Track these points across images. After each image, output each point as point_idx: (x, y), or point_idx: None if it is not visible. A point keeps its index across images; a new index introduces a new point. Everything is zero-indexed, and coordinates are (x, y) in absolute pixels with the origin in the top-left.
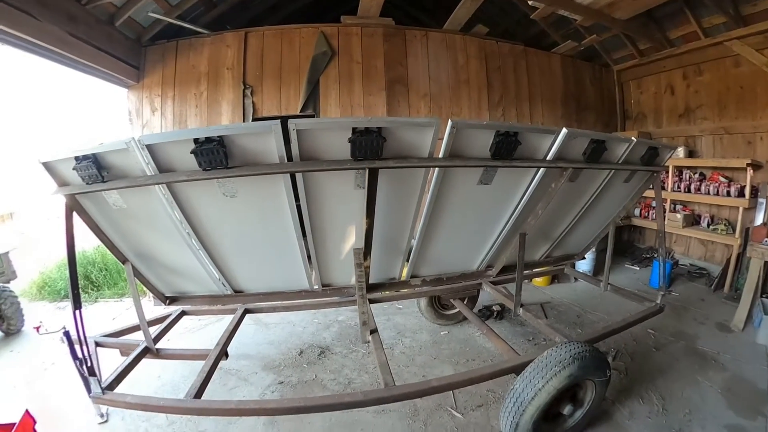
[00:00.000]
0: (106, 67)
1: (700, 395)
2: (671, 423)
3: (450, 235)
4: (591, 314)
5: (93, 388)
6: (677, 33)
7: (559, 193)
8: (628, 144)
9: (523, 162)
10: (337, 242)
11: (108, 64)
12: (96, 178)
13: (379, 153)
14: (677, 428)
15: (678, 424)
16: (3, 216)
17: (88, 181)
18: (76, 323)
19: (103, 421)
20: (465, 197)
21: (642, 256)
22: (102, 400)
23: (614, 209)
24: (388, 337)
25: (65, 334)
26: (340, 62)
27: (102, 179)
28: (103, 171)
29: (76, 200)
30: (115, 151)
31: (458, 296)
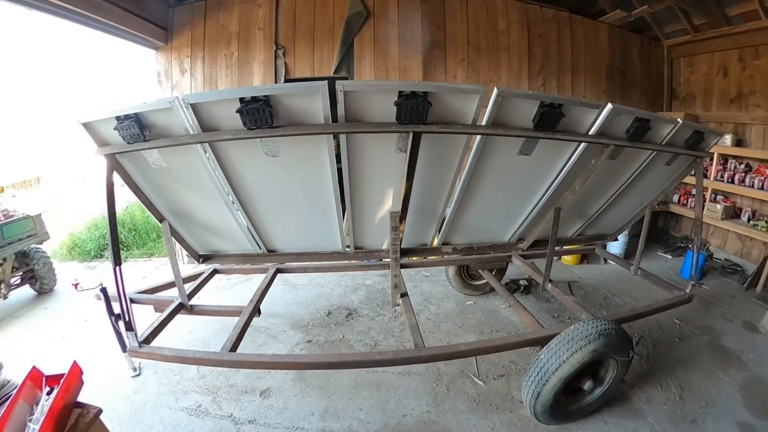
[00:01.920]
0: (134, 29)
1: (718, 390)
2: (686, 413)
3: (485, 204)
4: (618, 298)
5: (130, 342)
6: (736, 10)
7: (598, 170)
8: (673, 125)
9: (565, 135)
10: (374, 205)
11: (136, 26)
12: (138, 137)
13: (423, 117)
14: (691, 419)
15: (693, 414)
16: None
17: (130, 141)
18: (117, 279)
19: (136, 374)
20: (504, 167)
21: (676, 245)
22: (139, 353)
23: (652, 192)
24: (414, 304)
25: (102, 290)
26: (376, 23)
27: (144, 138)
28: (145, 130)
29: (116, 160)
30: (157, 111)
31: (487, 267)
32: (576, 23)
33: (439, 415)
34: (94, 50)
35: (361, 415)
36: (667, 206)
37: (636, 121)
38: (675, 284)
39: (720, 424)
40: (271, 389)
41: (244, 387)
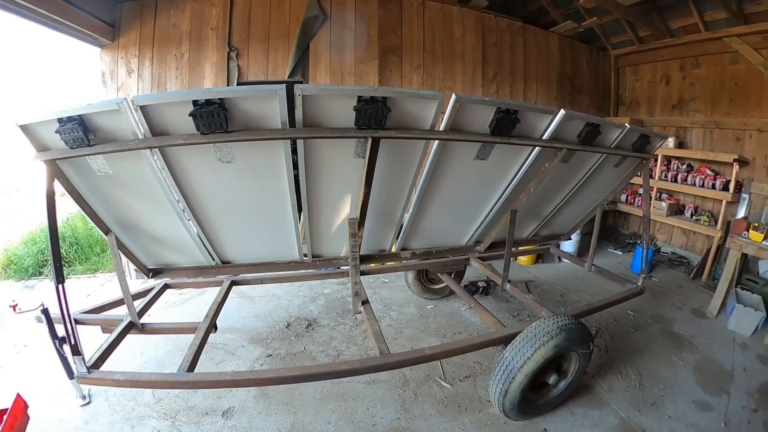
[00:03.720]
0: (77, 24)
1: (674, 373)
2: (646, 397)
3: (443, 208)
4: (574, 294)
5: (77, 368)
6: (678, 23)
7: (552, 173)
8: (621, 130)
9: (520, 140)
10: (332, 212)
11: (80, 21)
12: (82, 141)
13: (382, 123)
14: (652, 402)
15: (653, 398)
16: None
17: (72, 146)
18: (59, 298)
19: (85, 402)
20: (461, 171)
21: (625, 242)
22: (88, 380)
23: (602, 193)
24: (375, 311)
25: (44, 311)
26: (332, 27)
27: (88, 143)
28: (90, 134)
29: (57, 166)
30: (104, 113)
31: (446, 270)
32: (529, 33)
33: (409, 421)
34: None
35: (329, 429)
36: (615, 206)
37: (587, 126)
38: (627, 278)
39: (678, 405)
40: (234, 409)
41: (204, 408)
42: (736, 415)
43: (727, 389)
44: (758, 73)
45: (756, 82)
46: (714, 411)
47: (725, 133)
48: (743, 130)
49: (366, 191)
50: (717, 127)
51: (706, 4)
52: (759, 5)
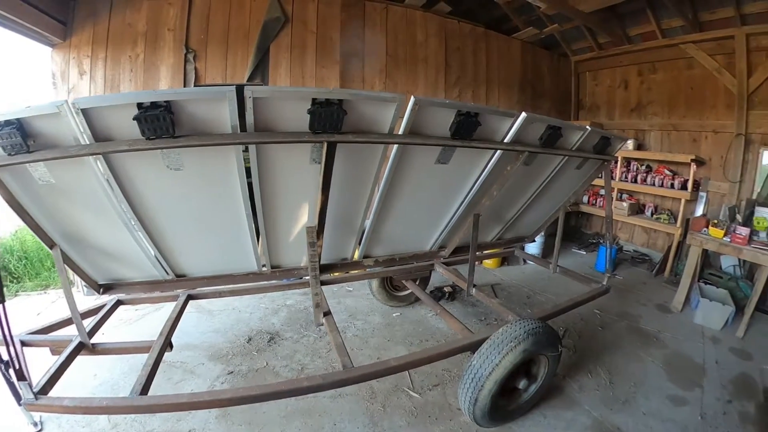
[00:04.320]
0: (26, 20)
1: (644, 370)
2: (618, 395)
3: (405, 214)
4: (540, 295)
5: (24, 394)
6: (636, 31)
7: (514, 176)
8: (582, 132)
9: (481, 143)
10: (289, 221)
11: (29, 17)
12: (20, 147)
13: (338, 126)
14: (624, 399)
15: (624, 395)
16: None
17: (11, 152)
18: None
19: (37, 430)
20: (422, 176)
21: (588, 242)
22: (35, 406)
23: (565, 194)
24: (339, 321)
25: None
26: (294, 30)
27: (27, 149)
28: (29, 140)
29: None
30: (43, 116)
31: (410, 277)
32: (491, 38)
33: None
34: None
35: None
36: (578, 207)
37: (548, 128)
38: (592, 278)
39: (651, 401)
40: (194, 431)
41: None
42: (711, 408)
43: (700, 383)
44: (713, 78)
45: (710, 86)
46: (689, 405)
47: (682, 134)
48: (699, 132)
49: (323, 198)
50: (674, 129)
51: (663, 12)
52: (713, 14)
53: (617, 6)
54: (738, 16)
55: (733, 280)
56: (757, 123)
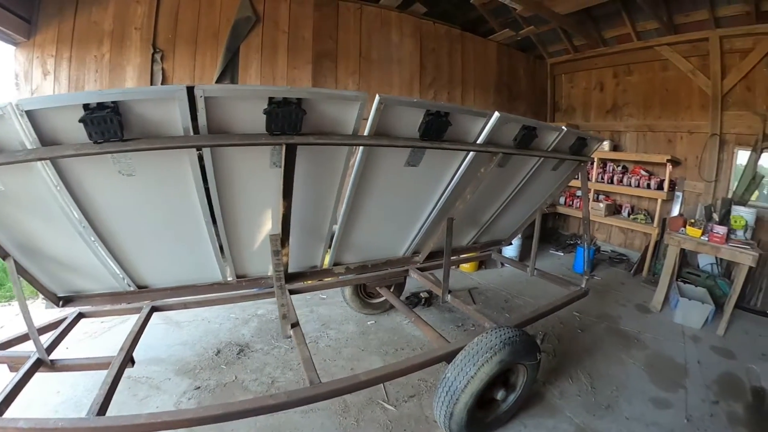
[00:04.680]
0: None
1: (625, 372)
2: (600, 400)
3: (374, 219)
4: (518, 299)
5: None
6: (612, 33)
7: (488, 179)
8: (558, 133)
9: (452, 144)
10: (252, 228)
11: None
12: None
13: (297, 127)
14: (606, 405)
15: (606, 400)
16: None
17: None
18: None
19: None
20: (391, 179)
21: (566, 243)
22: None
23: (541, 196)
24: (312, 330)
25: None
26: (264, 30)
27: None
28: None
29: None
30: None
31: (384, 284)
32: (467, 40)
33: None
34: None
35: None
36: (554, 208)
37: (523, 129)
38: (570, 280)
39: (633, 405)
40: None
41: None
42: (697, 410)
43: (683, 384)
44: (687, 79)
45: (685, 87)
46: (673, 407)
47: (657, 135)
48: (675, 133)
49: (286, 204)
50: (650, 130)
51: (638, 14)
52: (687, 16)
53: (593, 8)
54: (712, 18)
55: (711, 278)
56: (732, 123)
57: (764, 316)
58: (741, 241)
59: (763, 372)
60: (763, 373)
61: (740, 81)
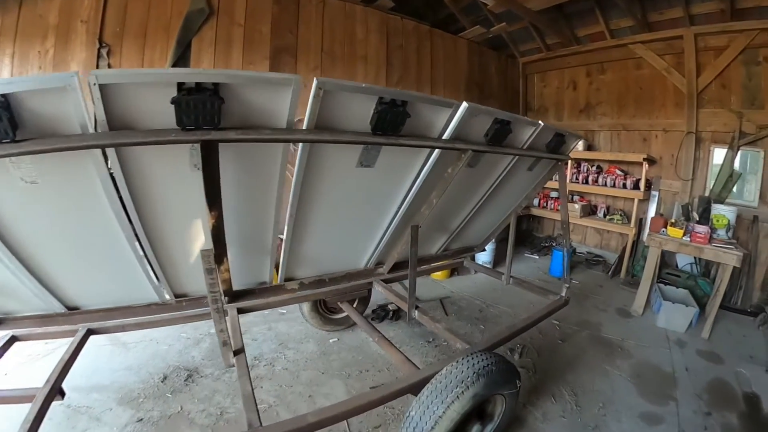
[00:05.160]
0: None
1: (611, 386)
2: (586, 420)
3: (327, 229)
4: (493, 308)
5: None
6: (585, 31)
7: (457, 180)
8: (534, 128)
9: (413, 140)
10: (183, 242)
11: None
12: None
13: (216, 120)
14: (593, 425)
15: (593, 420)
16: None
17: None
18: None
19: None
20: (341, 183)
21: (541, 245)
22: None
23: (516, 199)
24: (268, 351)
25: None
26: (219, 23)
27: None
28: None
29: None
30: None
31: (346, 298)
32: (437, 37)
33: None
34: None
35: None
36: (528, 210)
37: (495, 123)
38: (549, 288)
39: (623, 422)
40: None
41: None
42: (690, 423)
43: (673, 395)
44: (662, 78)
45: (659, 85)
46: (665, 423)
47: (632, 134)
48: (649, 131)
49: (215, 214)
50: (624, 129)
51: (612, 12)
52: (662, 14)
53: (565, 6)
54: (687, 16)
55: (692, 278)
56: (707, 121)
57: (746, 315)
58: (724, 241)
59: (753, 376)
60: (753, 377)
61: (715, 79)
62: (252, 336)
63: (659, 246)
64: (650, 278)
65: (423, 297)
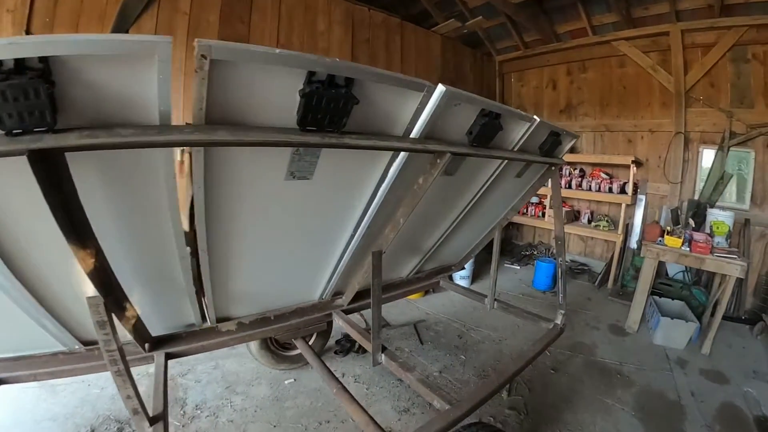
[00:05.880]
0: None
1: (615, 424)
2: None
3: (260, 260)
4: (475, 331)
5: None
6: (566, 27)
7: (431, 192)
8: (529, 124)
9: (365, 139)
10: (67, 280)
11: None
12: None
13: (45, 118)
14: None
15: None
16: None
17: None
18: None
19: None
20: (268, 203)
21: (521, 254)
22: None
23: (501, 211)
24: (212, 397)
25: None
26: (160, 11)
27: None
28: None
29: None
30: None
31: (300, 335)
32: (408, 31)
33: None
34: None
35: None
36: None
37: (482, 116)
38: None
39: None
40: None
41: None
42: None
43: (682, 428)
44: (647, 76)
45: (645, 84)
46: None
47: (616, 135)
48: (635, 132)
49: (91, 251)
50: (607, 129)
51: (595, 7)
52: (646, 9)
53: (546, 0)
54: (673, 12)
55: (686, 287)
56: (696, 121)
57: (741, 322)
58: (725, 250)
59: (761, 395)
60: (762, 397)
61: (703, 77)
62: (195, 376)
63: (656, 257)
64: (646, 292)
65: (395, 322)
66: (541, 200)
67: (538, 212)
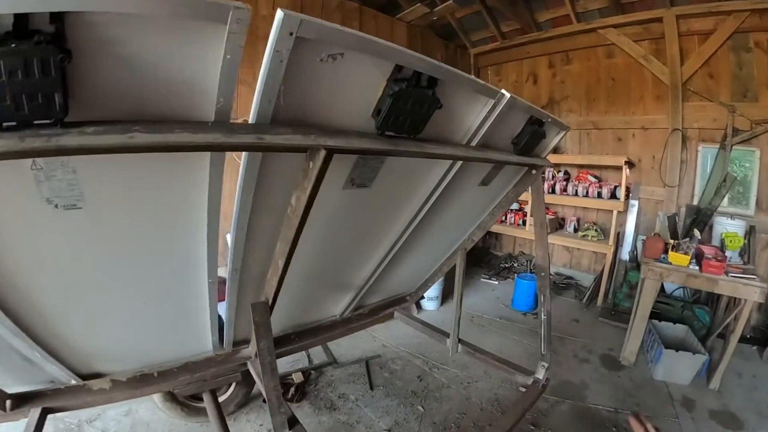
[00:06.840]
0: None
1: None
2: None
3: (124, 305)
4: (439, 370)
5: None
6: (547, 15)
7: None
8: (494, 102)
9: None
10: None
11: None
12: None
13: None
14: None
15: None
16: None
17: None
18: None
19: None
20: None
21: (500, 266)
22: None
23: (462, 230)
24: None
25: None
26: None
27: None
28: None
29: None
30: None
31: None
32: (368, 17)
33: None
34: None
35: None
36: None
37: (397, 81)
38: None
39: None
40: None
41: None
42: None
43: None
44: (638, 67)
45: (636, 76)
46: None
47: (604, 133)
48: (625, 129)
49: None
50: (595, 127)
51: None
52: None
53: None
54: None
55: (687, 307)
56: (694, 116)
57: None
58: (740, 268)
59: None
60: None
61: (701, 67)
62: (104, 424)
63: (659, 278)
64: (645, 318)
65: (344, 358)
66: (521, 206)
67: (518, 220)
